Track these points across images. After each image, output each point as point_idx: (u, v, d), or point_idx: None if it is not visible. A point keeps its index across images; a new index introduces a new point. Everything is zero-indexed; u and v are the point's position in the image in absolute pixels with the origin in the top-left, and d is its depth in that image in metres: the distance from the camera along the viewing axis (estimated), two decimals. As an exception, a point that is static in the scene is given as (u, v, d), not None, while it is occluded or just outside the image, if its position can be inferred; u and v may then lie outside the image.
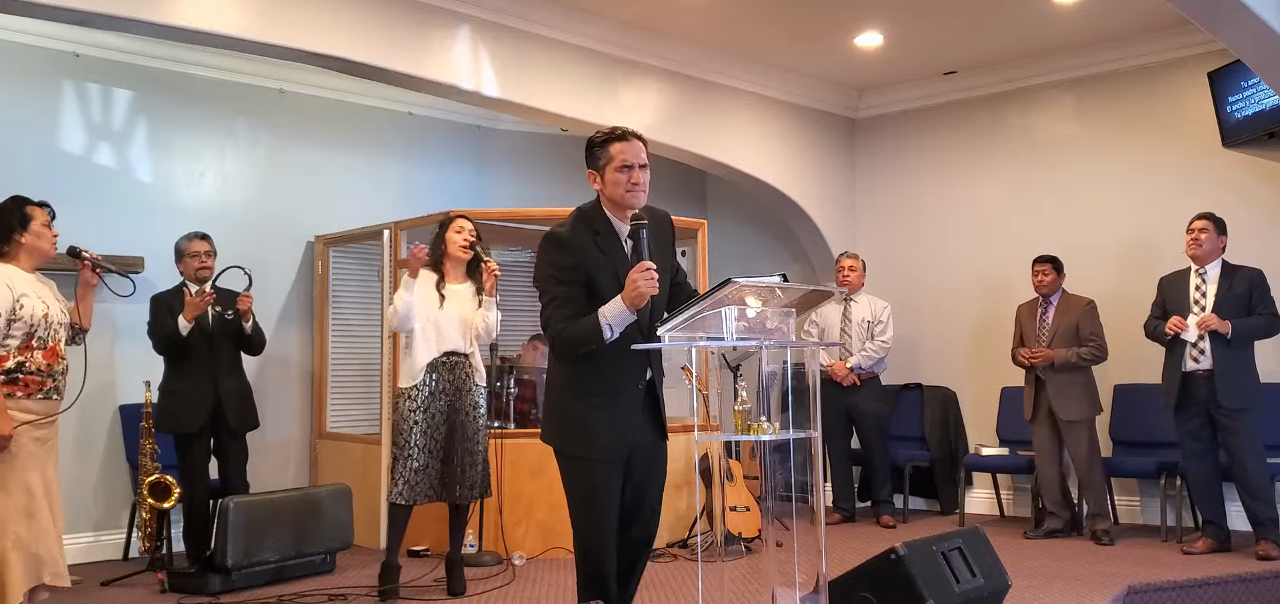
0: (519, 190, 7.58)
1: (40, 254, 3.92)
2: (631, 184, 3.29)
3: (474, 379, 4.81)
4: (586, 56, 6.45)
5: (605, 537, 3.33)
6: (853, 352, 6.91)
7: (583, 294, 3.25)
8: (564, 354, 3.31)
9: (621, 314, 3.18)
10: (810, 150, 7.85)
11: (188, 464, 5.34)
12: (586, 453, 3.30)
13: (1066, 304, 6.27)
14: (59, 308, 3.95)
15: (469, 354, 4.81)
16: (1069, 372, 6.11)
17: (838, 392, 6.84)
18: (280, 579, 5.08)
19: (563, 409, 3.38)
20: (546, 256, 3.32)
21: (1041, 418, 6.22)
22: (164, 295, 5.40)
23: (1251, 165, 6.38)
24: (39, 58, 5.93)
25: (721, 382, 6.36)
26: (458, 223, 4.87)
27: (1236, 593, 5.00)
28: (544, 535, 5.75)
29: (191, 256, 5.42)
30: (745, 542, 5.79)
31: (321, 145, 6.97)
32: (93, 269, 4.12)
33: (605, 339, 3.19)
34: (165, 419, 5.39)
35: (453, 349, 4.75)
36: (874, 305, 7.03)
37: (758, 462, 6.06)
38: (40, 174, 5.76)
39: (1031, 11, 6.36)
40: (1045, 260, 6.36)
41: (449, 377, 4.74)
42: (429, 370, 4.72)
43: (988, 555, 3.96)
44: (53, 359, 3.88)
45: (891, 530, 6.58)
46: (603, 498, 3.31)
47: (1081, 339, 6.13)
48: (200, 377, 5.34)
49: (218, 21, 5.03)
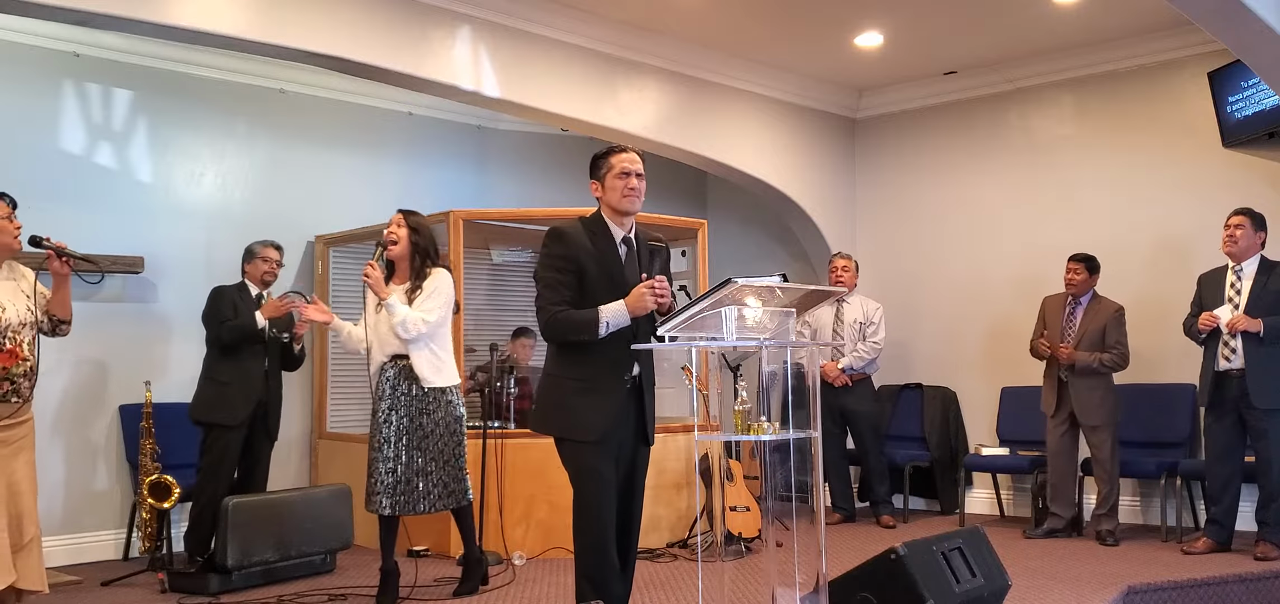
0: (519, 190, 7.59)
1: (2, 249, 3.79)
2: (629, 189, 3.55)
3: (418, 383, 4.54)
4: (586, 56, 6.45)
5: (599, 516, 3.46)
6: (845, 352, 6.91)
7: (575, 283, 3.51)
8: (553, 336, 3.56)
9: (620, 315, 3.45)
10: (810, 150, 7.85)
11: (218, 456, 5.21)
12: (573, 434, 3.51)
13: (1097, 307, 6.11)
14: (23, 306, 3.80)
15: (407, 356, 4.55)
16: (1091, 376, 5.99)
17: (830, 392, 6.83)
18: (280, 579, 5.08)
19: (548, 393, 3.62)
20: (545, 248, 3.59)
21: (1062, 417, 6.11)
22: (227, 289, 5.39)
23: (1251, 165, 6.38)
24: (39, 58, 5.93)
25: (721, 382, 6.36)
26: (388, 228, 4.65)
27: (1236, 593, 5.00)
28: (544, 535, 5.75)
29: (263, 261, 5.43)
30: (745, 542, 5.79)
31: (321, 145, 6.97)
32: (59, 258, 3.88)
33: (599, 334, 3.43)
34: (208, 408, 5.26)
35: (395, 353, 4.57)
36: (866, 306, 7.02)
37: (758, 462, 6.06)
38: (40, 174, 5.77)
39: (1031, 11, 6.36)
40: (1080, 259, 6.16)
41: (394, 382, 4.57)
42: (380, 375, 4.59)
43: (988, 555, 3.96)
44: (10, 361, 3.72)
45: (891, 530, 6.58)
46: (595, 480, 3.47)
47: (1106, 345, 6.00)
48: (253, 374, 5.31)
49: (218, 21, 5.03)
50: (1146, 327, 6.43)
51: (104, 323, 5.92)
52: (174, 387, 5.99)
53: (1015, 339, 6.63)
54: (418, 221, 4.65)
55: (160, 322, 6.19)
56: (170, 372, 6.10)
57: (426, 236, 4.63)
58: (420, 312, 4.49)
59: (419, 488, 4.54)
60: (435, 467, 4.55)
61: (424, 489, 4.54)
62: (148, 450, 5.60)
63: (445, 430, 4.59)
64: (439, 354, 4.61)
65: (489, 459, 5.76)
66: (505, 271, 7.18)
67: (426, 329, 4.50)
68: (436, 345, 4.59)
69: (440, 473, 4.56)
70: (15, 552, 3.70)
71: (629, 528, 3.63)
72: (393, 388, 4.56)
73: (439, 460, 4.56)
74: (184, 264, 6.24)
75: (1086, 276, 6.16)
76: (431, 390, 4.56)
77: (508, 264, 7.16)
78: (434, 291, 4.55)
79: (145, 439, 5.62)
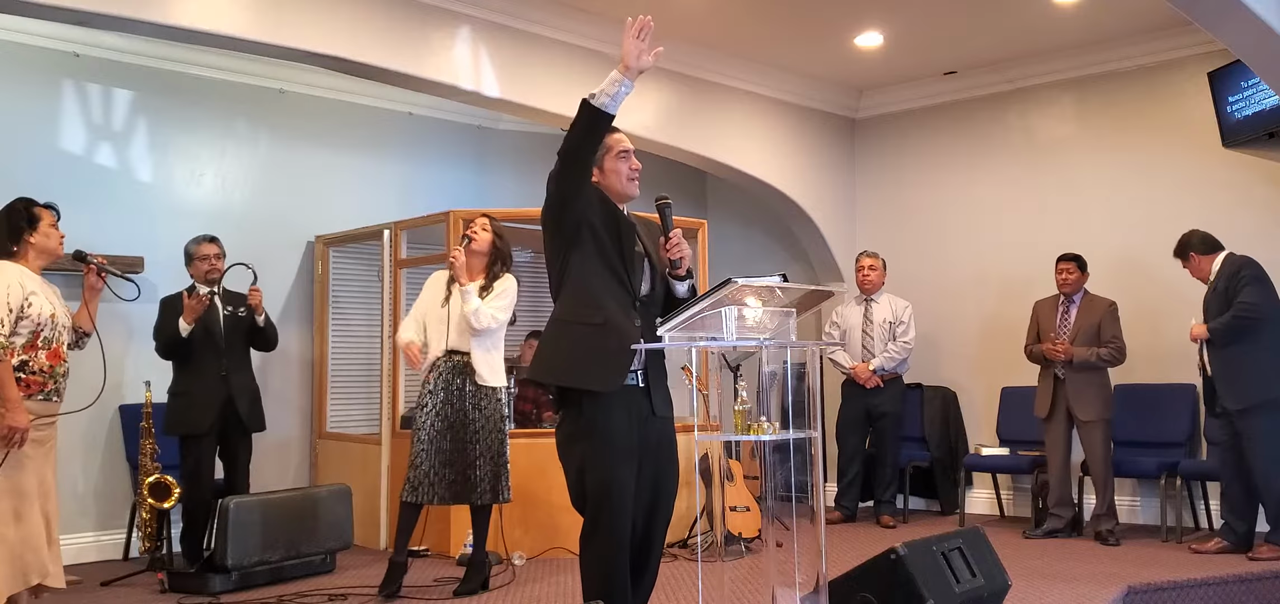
0: (519, 190, 7.58)
1: (48, 254, 3.96)
2: (633, 169, 3.38)
3: (473, 379, 4.73)
4: (586, 56, 6.45)
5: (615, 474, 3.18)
6: (875, 353, 6.90)
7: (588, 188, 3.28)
8: (565, 147, 3.26)
9: (617, 82, 3.17)
10: (810, 150, 7.85)
11: (192, 465, 5.30)
12: (585, 383, 3.22)
13: (1089, 304, 6.20)
14: (63, 310, 3.97)
15: (467, 352, 4.74)
16: (1087, 372, 6.05)
17: (861, 393, 6.86)
18: (280, 579, 5.08)
19: (556, 339, 3.32)
20: None
21: (1057, 416, 6.16)
22: (171, 298, 5.40)
23: (1251, 165, 6.38)
24: (39, 58, 5.93)
25: (721, 382, 6.36)
26: (471, 225, 4.89)
27: (1236, 593, 5.00)
28: (544, 535, 5.74)
29: (201, 260, 5.41)
30: (745, 542, 5.79)
31: (321, 145, 6.97)
32: (98, 273, 4.14)
33: (612, 110, 3.17)
34: (174, 422, 5.34)
35: (453, 348, 4.75)
36: (895, 305, 7.03)
37: (758, 462, 6.06)
38: (40, 174, 5.76)
39: (1031, 11, 6.36)
40: (1069, 258, 6.27)
41: (448, 376, 4.74)
42: (432, 369, 4.76)
43: (988, 555, 3.96)
44: (56, 361, 3.89)
45: (891, 530, 6.58)
46: (607, 442, 3.20)
47: (1102, 340, 6.06)
48: (210, 377, 5.32)
49: (218, 21, 5.03)
50: (1146, 326, 6.43)
51: (104, 323, 5.88)
52: (174, 387, 6.00)
53: (1015, 339, 6.63)
54: (501, 229, 4.90)
55: (160, 322, 6.19)
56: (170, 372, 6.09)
57: (506, 244, 4.88)
58: (492, 307, 4.70)
59: (470, 479, 4.70)
60: (484, 460, 4.71)
61: (474, 480, 4.70)
62: (148, 450, 5.60)
63: (494, 428, 4.75)
64: (494, 355, 4.81)
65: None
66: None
67: (496, 325, 4.73)
68: (493, 346, 4.80)
69: (490, 466, 4.72)
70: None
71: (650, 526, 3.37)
72: (447, 382, 4.72)
73: (487, 456, 4.72)
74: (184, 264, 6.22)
75: (1078, 275, 6.26)
76: (484, 388, 4.73)
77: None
78: (504, 293, 4.79)
79: (145, 439, 5.61)
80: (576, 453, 3.28)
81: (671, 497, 3.43)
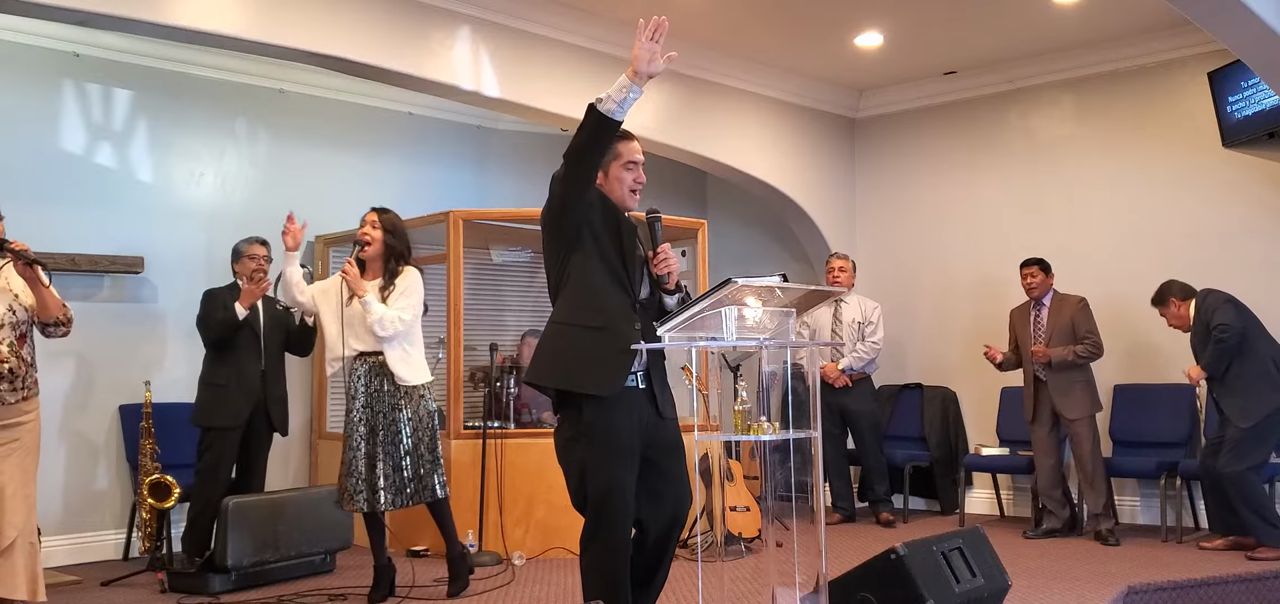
0: (519, 190, 7.58)
1: None
2: (636, 181, 3.36)
3: (392, 380, 4.59)
4: (586, 56, 6.45)
5: (616, 477, 3.16)
6: (844, 353, 6.91)
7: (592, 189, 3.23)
8: (571, 149, 3.15)
9: (624, 88, 3.07)
10: (810, 150, 7.85)
11: (214, 458, 5.18)
12: (584, 387, 3.19)
13: (1059, 304, 6.27)
14: (3, 306, 3.77)
15: (380, 353, 4.60)
16: (1068, 370, 6.11)
17: (830, 392, 6.84)
18: (280, 579, 5.08)
19: (556, 341, 3.27)
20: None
21: (1042, 418, 6.22)
22: (219, 290, 5.35)
23: (1251, 165, 6.38)
24: (39, 58, 5.93)
25: (721, 381, 6.36)
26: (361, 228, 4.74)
27: (1236, 593, 5.00)
28: (544, 535, 5.74)
29: (249, 259, 5.38)
30: (745, 542, 5.79)
31: (321, 145, 6.97)
32: (17, 259, 3.79)
33: (619, 117, 3.08)
34: (205, 412, 5.24)
35: (365, 350, 4.62)
36: (865, 306, 7.03)
37: (758, 462, 6.06)
38: (40, 174, 5.77)
39: (1031, 11, 6.36)
40: (1032, 263, 6.34)
41: (367, 379, 4.63)
42: (350, 373, 4.65)
43: (988, 555, 3.96)
44: None
45: (891, 530, 6.58)
46: (608, 444, 3.17)
47: (1077, 337, 6.12)
48: (249, 372, 5.27)
49: (218, 21, 5.03)
50: (1146, 326, 6.43)
51: (104, 323, 5.92)
52: (174, 386, 5.99)
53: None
54: (392, 222, 4.73)
55: (160, 322, 6.19)
56: (170, 371, 6.10)
57: (401, 238, 4.72)
58: (396, 310, 4.57)
59: (396, 482, 4.59)
60: (410, 462, 4.61)
61: (400, 483, 4.59)
62: (148, 450, 5.60)
63: (421, 426, 4.64)
64: (411, 352, 4.68)
65: (489, 459, 5.76)
66: (505, 272, 7.17)
67: (402, 327, 4.58)
68: (409, 344, 4.67)
69: (416, 468, 4.62)
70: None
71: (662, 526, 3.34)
72: (366, 385, 4.62)
73: (414, 456, 4.62)
74: (184, 264, 6.23)
75: (1043, 278, 6.33)
76: (405, 388, 4.62)
77: (508, 264, 7.16)
78: (406, 290, 4.63)
79: (145, 439, 5.61)
80: (577, 456, 3.26)
81: (688, 501, 3.41)
